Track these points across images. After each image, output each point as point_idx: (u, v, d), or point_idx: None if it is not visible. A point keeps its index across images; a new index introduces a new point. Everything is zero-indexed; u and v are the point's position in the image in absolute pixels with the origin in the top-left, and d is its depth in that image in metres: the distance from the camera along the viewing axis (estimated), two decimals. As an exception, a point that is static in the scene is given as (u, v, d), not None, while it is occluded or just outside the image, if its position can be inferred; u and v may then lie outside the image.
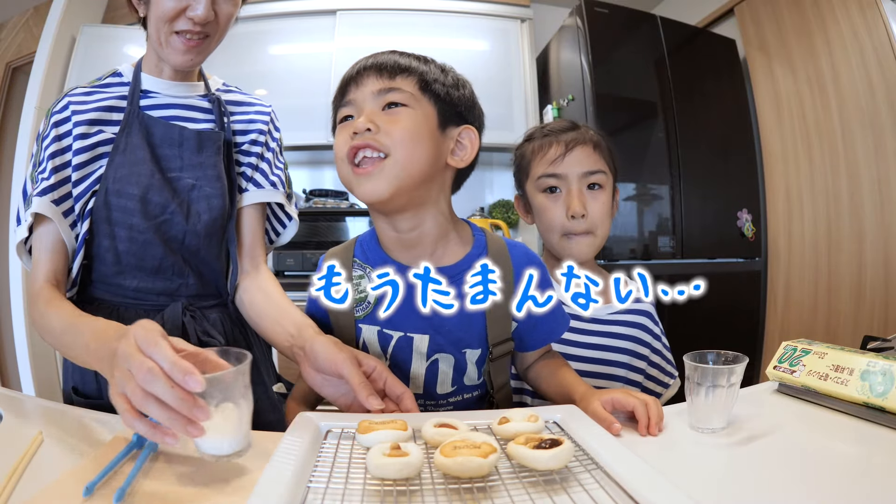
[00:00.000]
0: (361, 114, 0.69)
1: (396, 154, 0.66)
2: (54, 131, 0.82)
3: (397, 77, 0.69)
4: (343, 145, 0.69)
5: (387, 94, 0.68)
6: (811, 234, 2.31)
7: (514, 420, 0.55)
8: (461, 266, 0.73)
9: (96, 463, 0.51)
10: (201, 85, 0.92)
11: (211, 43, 0.85)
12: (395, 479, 0.45)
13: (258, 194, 0.91)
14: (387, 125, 0.67)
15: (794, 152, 2.37)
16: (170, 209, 0.82)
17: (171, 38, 0.82)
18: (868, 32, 2.02)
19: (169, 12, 0.79)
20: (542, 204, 0.96)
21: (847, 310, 2.13)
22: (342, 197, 2.57)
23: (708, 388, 0.63)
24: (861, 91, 2.06)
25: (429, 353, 0.72)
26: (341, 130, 0.71)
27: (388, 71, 0.69)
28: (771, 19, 2.41)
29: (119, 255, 0.82)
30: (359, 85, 0.70)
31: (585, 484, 0.46)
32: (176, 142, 0.85)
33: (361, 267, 0.75)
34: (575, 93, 2.34)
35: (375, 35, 2.44)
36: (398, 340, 0.73)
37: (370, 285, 0.73)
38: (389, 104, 0.68)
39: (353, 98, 0.70)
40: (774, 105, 2.45)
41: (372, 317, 0.73)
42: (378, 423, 0.53)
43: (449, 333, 0.72)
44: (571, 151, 0.93)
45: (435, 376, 0.73)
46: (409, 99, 0.69)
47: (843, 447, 0.61)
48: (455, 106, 0.72)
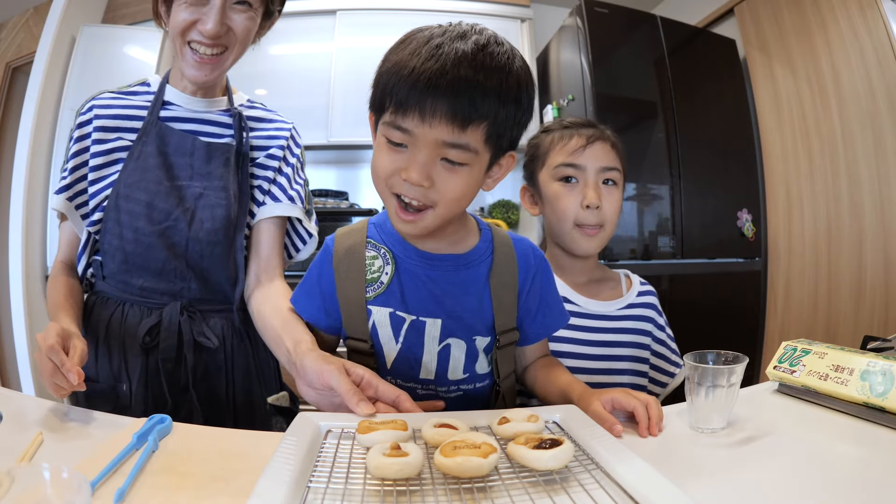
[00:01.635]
0: (416, 151, 0.62)
1: (441, 208, 0.65)
2: (78, 132, 0.89)
3: (469, 128, 0.60)
4: (388, 173, 0.64)
5: (451, 149, 0.61)
6: (811, 234, 2.31)
7: (514, 420, 0.55)
8: (473, 255, 0.75)
9: (96, 463, 0.51)
10: (224, 100, 0.94)
11: (228, 57, 0.87)
12: (394, 479, 0.45)
13: (275, 208, 0.92)
14: (440, 183, 0.63)
15: (794, 152, 2.37)
16: (174, 216, 0.85)
17: (185, 51, 0.84)
18: (868, 32, 2.02)
19: (181, 24, 0.82)
20: (556, 192, 0.96)
21: (847, 310, 2.13)
22: (342, 197, 2.57)
23: (708, 389, 0.63)
24: (861, 91, 2.06)
25: (441, 338, 0.72)
26: (388, 151, 0.64)
27: (461, 118, 0.60)
28: (771, 19, 2.41)
29: (126, 255, 0.86)
30: (424, 121, 0.60)
31: (585, 484, 0.46)
32: (188, 151, 0.88)
33: (375, 247, 0.75)
34: (575, 93, 2.34)
35: (375, 35, 2.44)
36: (411, 324, 0.72)
37: (387, 267, 0.73)
38: (449, 160, 0.62)
39: (412, 130, 0.61)
40: (774, 105, 2.45)
41: (384, 298, 0.72)
42: (378, 423, 0.53)
43: (460, 319, 0.73)
44: (592, 145, 0.94)
45: (447, 362, 0.73)
46: (472, 158, 0.63)
47: (843, 447, 0.61)
48: (511, 141, 0.67)
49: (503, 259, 0.76)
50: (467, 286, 0.74)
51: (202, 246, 0.86)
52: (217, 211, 0.86)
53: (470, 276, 0.74)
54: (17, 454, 0.53)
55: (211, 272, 0.88)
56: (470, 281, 0.74)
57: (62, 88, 2.33)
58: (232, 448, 0.58)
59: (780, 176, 2.45)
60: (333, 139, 2.42)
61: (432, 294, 0.72)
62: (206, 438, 0.61)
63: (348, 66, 2.43)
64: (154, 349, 0.85)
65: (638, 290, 1.00)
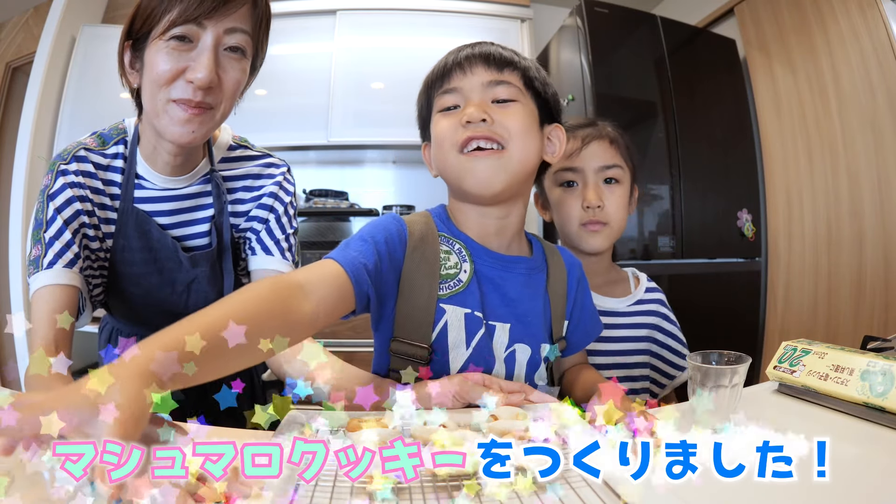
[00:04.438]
0: (468, 103, 0.67)
1: (512, 147, 0.66)
2: (66, 193, 0.76)
3: (505, 70, 0.68)
4: (452, 133, 0.66)
5: (497, 86, 0.67)
6: (811, 234, 2.30)
7: (503, 418, 0.55)
8: (534, 262, 0.74)
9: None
10: (203, 165, 0.83)
11: (215, 115, 0.73)
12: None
13: (265, 261, 0.86)
14: (501, 118, 0.66)
15: (794, 152, 2.37)
16: (170, 300, 0.85)
17: (169, 107, 0.69)
18: (868, 32, 2.02)
19: (164, 75, 0.67)
20: (559, 197, 0.97)
21: (847, 310, 2.13)
22: (342, 197, 2.57)
23: (711, 389, 0.63)
24: (861, 91, 2.06)
25: (508, 344, 0.70)
26: (446, 118, 0.68)
27: (496, 63, 0.68)
28: (771, 19, 2.41)
29: (132, 307, 0.87)
30: (466, 73, 0.68)
31: (572, 482, 0.46)
32: (171, 255, 0.83)
33: (448, 241, 0.71)
34: (575, 93, 2.34)
35: (375, 35, 2.44)
36: (486, 327, 0.68)
37: (465, 265, 0.69)
38: (499, 100, 0.67)
39: (460, 86, 0.68)
40: (774, 105, 2.44)
41: (462, 297, 0.67)
42: (367, 420, 0.53)
43: (529, 325, 0.71)
44: (588, 146, 0.94)
45: (512, 370, 0.71)
46: (518, 94, 0.68)
47: (843, 447, 0.61)
48: (548, 103, 0.72)
49: (555, 267, 0.76)
50: (535, 291, 0.73)
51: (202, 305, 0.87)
52: (211, 296, 0.85)
53: (537, 280, 0.73)
54: (17, 454, 0.53)
55: None
56: (536, 286, 0.73)
57: (62, 88, 2.33)
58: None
59: (780, 176, 2.44)
60: (333, 139, 2.41)
61: (504, 297, 0.70)
62: (204, 437, 0.60)
63: (348, 66, 2.43)
64: None
65: (646, 287, 1.02)
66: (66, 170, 0.76)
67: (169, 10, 0.66)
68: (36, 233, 0.74)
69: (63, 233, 0.74)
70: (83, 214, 0.77)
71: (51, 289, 0.71)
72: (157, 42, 0.67)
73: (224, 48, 0.70)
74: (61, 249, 0.73)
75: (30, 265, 0.73)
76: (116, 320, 0.92)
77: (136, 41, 0.71)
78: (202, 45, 0.68)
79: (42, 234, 0.73)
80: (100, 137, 0.81)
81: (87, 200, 0.77)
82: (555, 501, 0.43)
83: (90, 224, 0.78)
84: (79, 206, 0.76)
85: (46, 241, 0.73)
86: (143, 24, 0.69)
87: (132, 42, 0.71)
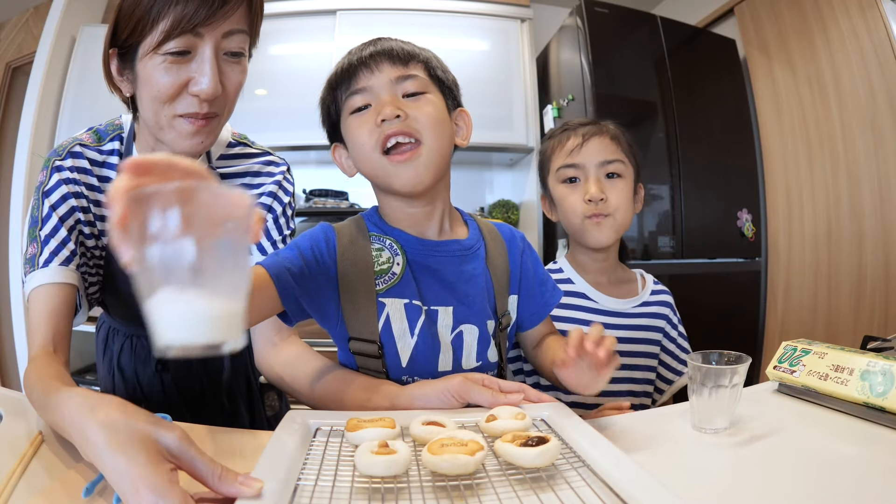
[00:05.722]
0: (379, 101, 0.67)
1: (428, 140, 0.67)
2: (62, 189, 0.74)
3: (410, 64, 0.69)
4: (369, 135, 0.67)
5: (405, 81, 0.68)
6: (811, 234, 2.30)
7: (502, 418, 0.55)
8: (469, 242, 0.75)
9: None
10: (201, 162, 0.80)
11: (221, 121, 0.72)
12: (382, 477, 0.44)
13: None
14: (414, 111, 0.67)
15: (794, 152, 2.37)
16: None
17: (175, 122, 0.67)
18: (868, 32, 2.02)
19: (167, 90, 0.64)
20: (561, 194, 0.98)
21: (847, 310, 2.13)
22: (342, 197, 2.57)
23: (711, 389, 0.62)
24: (861, 91, 2.06)
25: (454, 326, 0.72)
26: (359, 120, 0.68)
27: (400, 58, 0.69)
28: (771, 19, 2.41)
29: (128, 306, 0.84)
30: (373, 71, 0.68)
31: (572, 481, 0.46)
32: None
33: (379, 240, 0.73)
34: (575, 93, 2.34)
35: (375, 35, 2.43)
36: (426, 314, 0.70)
37: (397, 257, 0.71)
38: (409, 93, 0.68)
39: (368, 85, 0.68)
40: (774, 105, 2.44)
41: (398, 289, 0.70)
42: (366, 420, 0.53)
43: (472, 304, 0.73)
44: (588, 142, 0.95)
45: (461, 350, 0.72)
46: (425, 85, 0.70)
47: (843, 447, 0.61)
48: (451, 90, 0.74)
49: (493, 244, 0.78)
50: (473, 271, 0.74)
51: None
52: None
53: (475, 259, 0.75)
54: (17, 454, 0.53)
55: None
56: (474, 265, 0.74)
57: (62, 88, 2.33)
58: (228, 446, 0.58)
59: (780, 176, 2.44)
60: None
61: (442, 281, 0.72)
62: (204, 437, 0.60)
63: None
64: (166, 371, 0.87)
65: (652, 289, 1.02)
66: (60, 166, 0.75)
67: (160, 19, 0.61)
68: (32, 230, 0.73)
69: (59, 230, 0.73)
70: (79, 211, 0.76)
71: (47, 288, 0.69)
72: (151, 56, 0.63)
73: (224, 53, 0.67)
74: (57, 247, 0.72)
75: (25, 263, 0.72)
76: (113, 319, 0.92)
77: (124, 50, 0.66)
78: (202, 55, 0.64)
79: (38, 231, 0.72)
80: (96, 133, 0.80)
81: (83, 197, 0.76)
82: (555, 501, 0.43)
83: (86, 221, 0.77)
84: (74, 202, 0.75)
85: (42, 239, 0.72)
86: (130, 34, 0.64)
87: (118, 51, 0.67)
